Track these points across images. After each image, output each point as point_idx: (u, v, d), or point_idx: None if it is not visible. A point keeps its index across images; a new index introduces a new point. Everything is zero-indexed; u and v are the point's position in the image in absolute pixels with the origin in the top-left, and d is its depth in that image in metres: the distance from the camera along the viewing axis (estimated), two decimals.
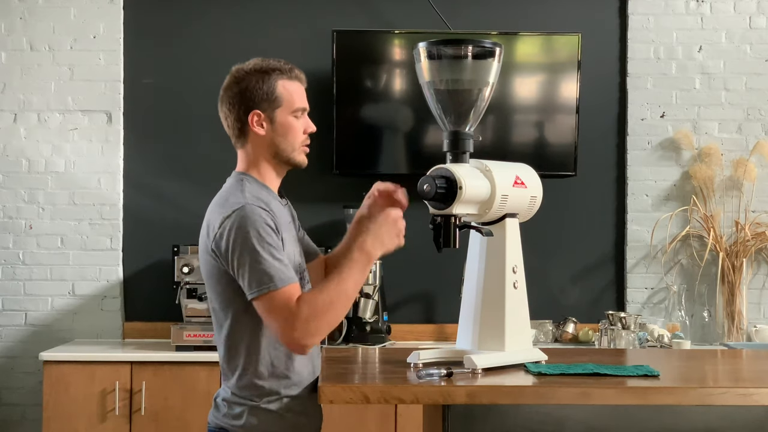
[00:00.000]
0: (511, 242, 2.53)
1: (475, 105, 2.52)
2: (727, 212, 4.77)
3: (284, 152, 2.45)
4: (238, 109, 2.43)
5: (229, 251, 2.29)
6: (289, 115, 2.44)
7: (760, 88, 4.80)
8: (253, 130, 2.43)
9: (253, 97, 2.42)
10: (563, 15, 4.80)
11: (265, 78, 2.43)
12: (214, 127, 4.67)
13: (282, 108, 2.43)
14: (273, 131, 2.43)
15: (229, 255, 2.30)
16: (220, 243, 2.31)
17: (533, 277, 2.82)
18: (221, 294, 2.39)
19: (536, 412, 2.33)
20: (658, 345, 4.41)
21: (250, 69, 2.45)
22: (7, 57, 4.71)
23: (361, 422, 4.15)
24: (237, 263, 2.29)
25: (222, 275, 2.36)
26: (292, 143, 2.45)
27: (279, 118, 2.43)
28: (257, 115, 2.42)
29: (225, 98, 2.46)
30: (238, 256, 2.28)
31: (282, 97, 2.43)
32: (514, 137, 4.68)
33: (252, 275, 2.27)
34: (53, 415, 4.15)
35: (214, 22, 4.77)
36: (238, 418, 2.40)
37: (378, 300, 4.49)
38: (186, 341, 4.21)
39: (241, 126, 2.44)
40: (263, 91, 2.42)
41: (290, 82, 2.46)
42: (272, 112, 2.43)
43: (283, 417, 2.40)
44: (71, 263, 4.71)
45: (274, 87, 2.43)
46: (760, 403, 2.20)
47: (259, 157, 2.46)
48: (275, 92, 2.42)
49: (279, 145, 2.44)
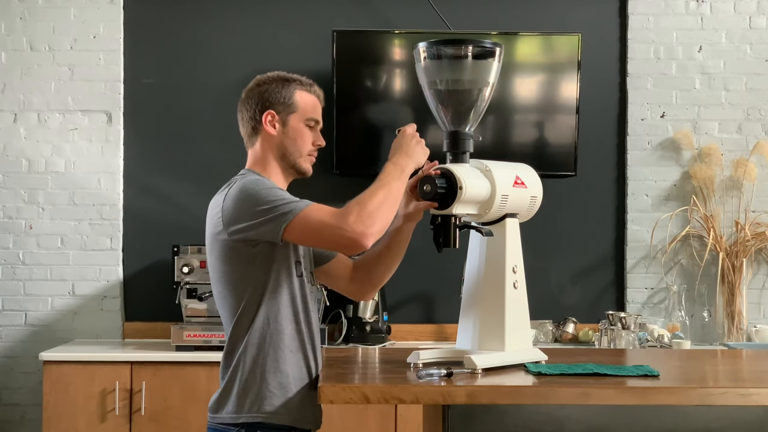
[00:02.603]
0: (511, 242, 2.53)
1: (475, 105, 2.53)
2: (727, 212, 4.77)
3: (291, 156, 2.53)
4: (255, 107, 2.53)
5: (242, 211, 2.36)
6: (301, 122, 2.53)
7: (760, 88, 4.80)
8: (265, 128, 2.52)
9: (270, 99, 2.52)
10: (563, 15, 4.80)
11: (285, 85, 2.54)
12: (214, 127, 4.71)
13: (296, 114, 2.53)
14: (284, 133, 2.52)
15: (243, 215, 2.36)
16: (230, 212, 2.38)
17: (533, 277, 2.82)
18: (232, 281, 2.42)
19: (536, 412, 2.33)
20: (658, 345, 4.41)
21: (274, 76, 2.56)
22: (7, 57, 4.71)
23: (361, 422, 4.15)
24: (253, 216, 2.34)
25: (235, 254, 2.39)
26: (300, 149, 2.53)
27: (292, 123, 2.53)
28: (271, 114, 2.52)
29: (244, 99, 2.57)
30: (253, 210, 2.35)
31: (298, 104, 2.53)
32: (514, 137, 4.68)
33: (275, 211, 2.33)
34: (53, 415, 4.15)
35: (214, 22, 4.77)
36: (235, 417, 2.41)
37: (378, 300, 4.49)
38: (186, 341, 4.21)
39: (254, 124, 2.54)
40: (281, 95, 2.52)
41: (308, 94, 2.56)
42: (286, 116, 2.53)
43: (279, 414, 2.41)
44: (71, 263, 4.71)
45: (292, 94, 2.53)
46: (760, 403, 2.20)
47: (267, 156, 2.54)
48: (292, 98, 2.53)
49: (288, 148, 2.53)
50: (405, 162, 2.44)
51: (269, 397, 2.40)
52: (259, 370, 2.41)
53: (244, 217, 2.36)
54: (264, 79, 2.56)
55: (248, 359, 2.42)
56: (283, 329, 2.43)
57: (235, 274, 2.43)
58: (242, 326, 2.42)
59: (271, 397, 2.40)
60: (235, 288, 2.43)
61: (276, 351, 2.41)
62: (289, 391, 2.42)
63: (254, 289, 2.41)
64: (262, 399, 2.40)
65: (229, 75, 4.71)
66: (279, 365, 2.41)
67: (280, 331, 2.43)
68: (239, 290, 2.43)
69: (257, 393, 2.41)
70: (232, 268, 2.43)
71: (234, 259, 2.42)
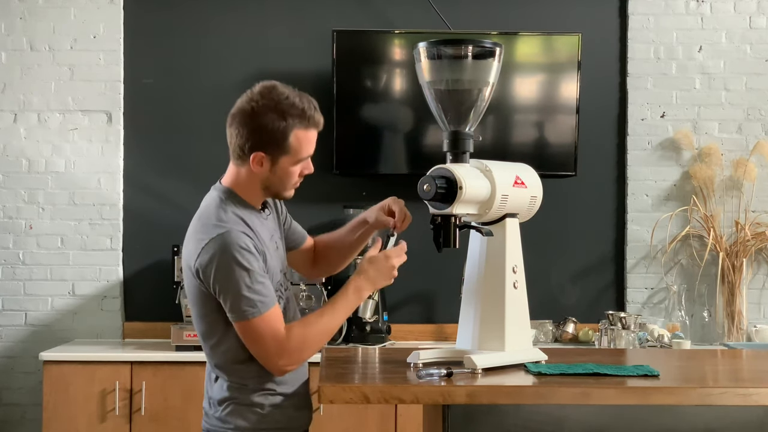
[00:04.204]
0: (511, 242, 2.53)
1: (475, 105, 2.53)
2: (727, 212, 4.77)
3: (274, 188, 2.46)
4: (245, 141, 2.37)
5: (211, 278, 2.33)
6: (292, 164, 2.41)
7: (760, 88, 4.80)
8: (251, 166, 2.40)
9: (262, 138, 2.36)
10: (563, 15, 4.80)
11: (281, 123, 2.35)
12: (214, 127, 4.67)
13: (287, 156, 2.39)
14: (271, 172, 2.41)
15: (211, 281, 2.33)
16: (203, 268, 2.34)
17: (533, 277, 2.82)
18: (206, 316, 2.42)
19: (536, 412, 2.33)
20: (658, 345, 4.41)
21: (271, 105, 2.36)
22: (7, 57, 4.71)
23: (361, 422, 4.15)
24: (220, 289, 2.33)
25: (207, 298, 2.38)
26: (286, 185, 2.45)
27: (281, 164, 2.40)
28: (260, 156, 2.38)
29: (236, 122, 2.39)
30: (222, 283, 2.32)
31: (291, 147, 2.38)
32: (514, 137, 4.68)
33: (235, 302, 2.31)
34: (53, 415, 4.15)
35: (214, 22, 4.77)
36: (227, 420, 2.43)
37: (378, 300, 4.49)
38: (186, 341, 4.21)
39: (241, 155, 2.40)
40: (275, 135, 2.35)
41: (305, 131, 2.39)
42: (276, 157, 2.38)
43: (271, 414, 2.44)
44: (71, 263, 4.71)
45: (287, 135, 2.36)
46: (759, 403, 2.20)
47: (250, 182, 2.44)
48: (287, 140, 2.37)
49: (272, 184, 2.44)
50: (367, 289, 2.46)
51: (256, 398, 2.45)
52: (244, 383, 2.44)
53: (213, 284, 2.34)
54: (260, 108, 2.35)
55: (233, 376, 2.44)
56: None
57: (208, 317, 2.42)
58: (226, 346, 2.43)
59: (258, 399, 2.45)
60: (208, 325, 2.43)
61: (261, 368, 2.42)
62: (274, 399, 2.45)
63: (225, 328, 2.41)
64: (249, 400, 2.45)
65: (229, 75, 4.71)
66: (264, 377, 2.44)
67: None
68: (212, 327, 2.43)
69: (244, 399, 2.45)
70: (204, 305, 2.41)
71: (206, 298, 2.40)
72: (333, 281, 4.58)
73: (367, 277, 2.44)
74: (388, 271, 2.44)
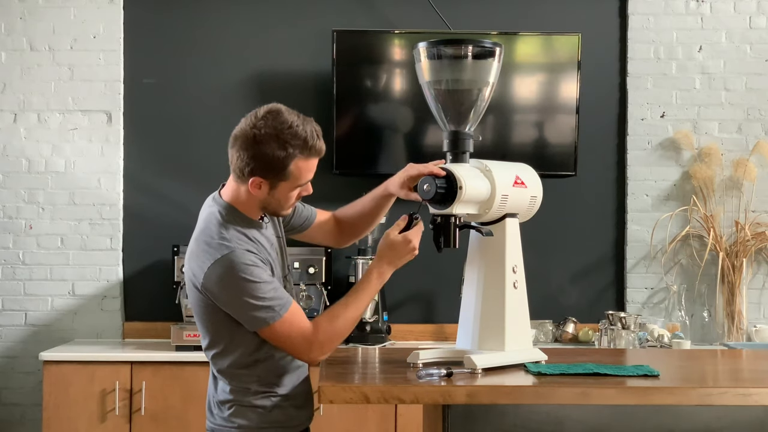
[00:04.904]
0: (511, 242, 2.53)
1: (475, 105, 2.53)
2: (727, 212, 4.77)
3: (271, 208, 2.47)
4: (245, 165, 2.36)
5: (222, 299, 2.36)
6: (290, 190, 2.42)
7: (760, 88, 4.80)
8: (249, 189, 2.40)
9: (263, 165, 2.35)
10: (563, 15, 4.80)
11: (282, 152, 2.34)
12: (214, 126, 4.70)
13: (287, 182, 2.39)
14: (269, 195, 2.42)
15: (222, 302, 2.36)
16: (211, 288, 2.35)
17: (533, 277, 2.82)
18: (210, 327, 2.43)
19: (536, 412, 2.33)
20: (658, 345, 4.41)
21: (273, 134, 2.34)
22: (7, 57, 4.71)
23: (361, 422, 4.15)
24: (233, 308, 2.36)
25: (212, 310, 2.40)
26: (283, 206, 2.47)
27: (280, 189, 2.41)
28: (259, 180, 2.38)
29: (237, 144, 2.37)
30: (234, 303, 2.35)
31: (291, 174, 2.38)
32: (514, 137, 4.68)
33: (252, 314, 2.34)
34: (53, 415, 4.15)
35: (214, 22, 4.77)
36: (231, 420, 2.45)
37: (378, 300, 4.49)
38: (186, 341, 4.21)
39: (242, 175, 2.40)
40: (276, 164, 2.35)
41: (306, 161, 2.39)
42: (275, 183, 2.39)
43: (272, 413, 2.46)
44: (71, 263, 4.70)
45: (287, 163, 2.35)
46: (760, 403, 2.20)
47: (248, 200, 2.44)
48: (287, 169, 2.36)
49: (269, 204, 2.45)
50: (389, 272, 2.49)
51: (258, 400, 2.46)
52: (247, 386, 2.46)
53: (225, 303, 2.36)
54: (261, 136, 2.33)
55: (235, 380, 2.46)
56: (272, 355, 2.47)
57: (212, 328, 2.44)
58: (231, 353, 2.44)
59: (260, 400, 2.46)
60: (213, 336, 2.45)
61: (264, 372, 2.46)
62: (277, 400, 2.47)
63: (231, 337, 2.43)
64: (252, 401, 2.47)
65: (229, 75, 4.71)
66: (267, 379, 2.47)
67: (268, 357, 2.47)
68: (216, 338, 2.45)
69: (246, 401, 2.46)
70: (209, 319, 2.43)
71: (211, 310, 2.42)
72: (333, 281, 4.58)
73: (389, 261, 2.47)
74: (409, 251, 2.48)
